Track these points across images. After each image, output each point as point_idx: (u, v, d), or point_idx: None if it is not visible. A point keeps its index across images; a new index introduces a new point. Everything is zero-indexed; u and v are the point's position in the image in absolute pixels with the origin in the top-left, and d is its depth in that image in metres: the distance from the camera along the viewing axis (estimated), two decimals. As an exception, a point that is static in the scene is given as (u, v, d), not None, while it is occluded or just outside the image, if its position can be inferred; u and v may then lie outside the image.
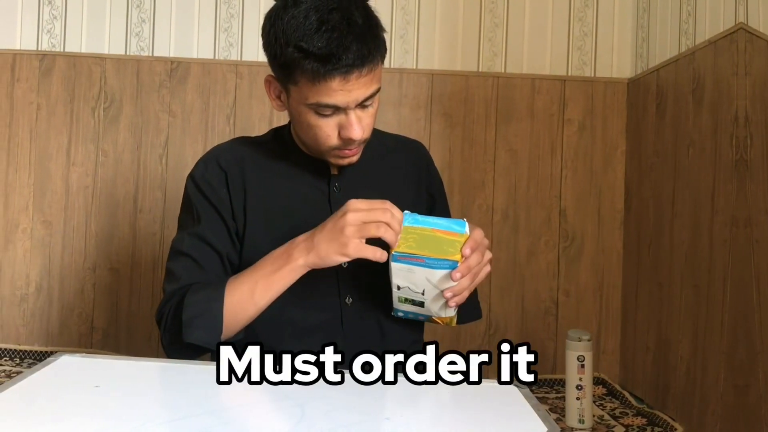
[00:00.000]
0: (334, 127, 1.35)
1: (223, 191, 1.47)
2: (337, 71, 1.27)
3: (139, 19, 2.86)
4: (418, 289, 1.28)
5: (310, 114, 1.35)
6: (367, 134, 1.39)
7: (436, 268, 1.23)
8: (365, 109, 1.36)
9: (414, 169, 1.64)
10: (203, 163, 1.51)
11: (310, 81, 1.29)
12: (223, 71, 2.84)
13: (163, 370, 1.19)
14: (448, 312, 1.32)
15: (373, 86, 1.34)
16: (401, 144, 1.68)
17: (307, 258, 1.29)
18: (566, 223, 2.89)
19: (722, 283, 2.10)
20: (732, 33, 2.11)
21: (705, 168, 2.24)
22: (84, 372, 1.11)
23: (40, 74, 2.84)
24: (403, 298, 1.32)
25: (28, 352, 2.80)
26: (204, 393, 1.03)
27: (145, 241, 2.83)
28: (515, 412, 0.98)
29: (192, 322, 1.32)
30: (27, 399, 0.97)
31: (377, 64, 1.33)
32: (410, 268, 1.24)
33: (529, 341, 2.85)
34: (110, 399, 0.98)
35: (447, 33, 2.89)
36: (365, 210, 1.26)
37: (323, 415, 0.93)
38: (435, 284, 1.26)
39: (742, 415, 1.98)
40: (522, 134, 2.89)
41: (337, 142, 1.37)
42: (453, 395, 1.07)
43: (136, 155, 2.84)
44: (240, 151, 1.53)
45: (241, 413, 0.95)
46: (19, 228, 2.83)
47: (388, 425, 0.92)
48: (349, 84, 1.29)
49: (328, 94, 1.29)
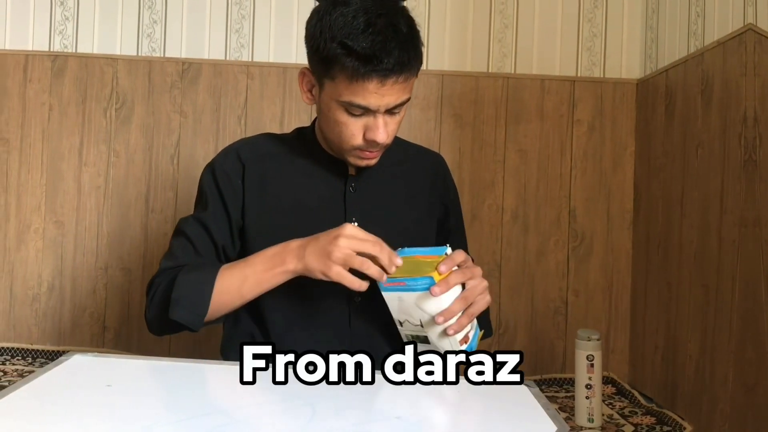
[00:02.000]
0: (360, 127, 1.39)
1: (238, 183, 1.52)
2: (375, 73, 1.31)
3: (150, 20, 2.88)
4: (416, 321, 1.29)
5: (340, 111, 1.39)
6: (390, 140, 1.43)
7: (417, 290, 1.26)
8: (393, 116, 1.41)
9: (430, 179, 1.67)
10: (224, 154, 1.57)
11: (347, 79, 1.33)
12: (235, 72, 2.85)
13: (174, 370, 1.19)
14: (454, 344, 1.30)
15: (405, 95, 1.38)
16: (421, 154, 1.72)
17: (296, 265, 1.33)
18: (576, 223, 2.89)
19: (731, 283, 2.10)
20: (741, 34, 2.11)
21: (714, 168, 2.24)
22: (96, 371, 1.11)
23: (52, 75, 2.86)
24: (409, 336, 1.34)
25: (41, 351, 2.82)
26: (215, 392, 1.04)
27: (157, 242, 2.85)
28: (525, 411, 0.99)
29: (180, 301, 1.37)
30: (39, 398, 0.97)
31: (413, 75, 1.38)
32: (399, 296, 1.28)
33: (538, 340, 2.86)
34: (122, 398, 0.99)
35: (457, 34, 2.89)
36: (358, 239, 1.29)
37: (334, 414, 0.94)
38: (426, 310, 1.27)
39: (751, 414, 1.98)
40: (532, 135, 2.89)
41: (360, 142, 1.41)
42: (463, 394, 1.07)
43: (147, 155, 2.86)
44: (263, 146, 1.58)
45: (252, 412, 0.95)
46: (32, 228, 2.85)
47: (399, 424, 0.92)
48: (385, 88, 1.33)
49: (362, 95, 1.34)
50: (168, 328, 1.42)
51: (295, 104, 2.83)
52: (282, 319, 1.48)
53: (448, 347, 1.30)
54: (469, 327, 1.31)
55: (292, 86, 2.83)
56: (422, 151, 1.74)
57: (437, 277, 1.25)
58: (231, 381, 1.11)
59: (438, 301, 1.25)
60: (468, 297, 1.30)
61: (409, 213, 1.60)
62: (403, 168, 1.63)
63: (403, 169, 1.63)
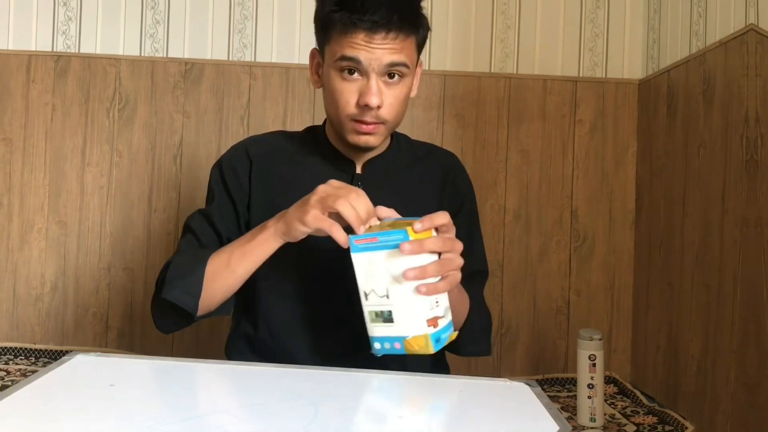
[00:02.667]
0: (354, 92, 1.39)
1: (245, 179, 1.52)
2: (362, 23, 1.33)
3: (153, 21, 2.88)
4: (382, 291, 1.17)
5: (336, 77, 1.40)
6: (387, 113, 1.41)
7: (389, 247, 1.14)
8: (389, 85, 1.40)
9: (440, 179, 1.62)
10: (233, 150, 1.57)
11: (339, 33, 1.36)
12: (237, 72, 2.86)
13: (177, 369, 1.19)
14: (420, 328, 1.16)
15: (398, 56, 1.37)
16: (432, 153, 1.68)
17: (276, 226, 1.30)
18: (578, 223, 2.90)
19: (733, 283, 2.11)
20: (742, 34, 2.12)
21: (715, 168, 2.24)
22: (99, 371, 1.11)
23: (55, 75, 2.86)
24: (373, 312, 1.20)
25: (44, 351, 2.83)
26: (218, 392, 1.04)
27: (160, 241, 2.85)
28: (527, 410, 0.99)
29: (173, 282, 1.35)
30: (42, 398, 0.97)
31: (408, 37, 1.39)
32: (369, 259, 1.16)
33: (540, 340, 2.87)
34: (125, 397, 0.99)
35: (459, 34, 2.90)
36: (335, 186, 1.26)
37: (336, 414, 0.94)
38: (395, 275, 1.15)
39: (753, 413, 1.99)
40: (534, 135, 2.90)
41: (354, 110, 1.40)
42: (465, 394, 1.08)
43: (150, 156, 2.86)
44: (273, 142, 1.59)
45: (255, 412, 0.95)
46: (35, 228, 2.86)
47: (401, 424, 0.93)
48: (374, 43, 1.34)
49: (352, 46, 1.35)
50: (168, 320, 1.41)
51: (298, 104, 2.84)
52: (283, 320, 1.48)
53: (414, 328, 1.16)
54: (442, 308, 1.19)
55: (294, 86, 2.84)
56: (434, 151, 1.69)
57: (412, 235, 1.14)
58: (234, 381, 1.11)
59: (409, 262, 1.13)
60: (443, 265, 1.18)
61: (416, 213, 1.57)
62: (412, 168, 1.60)
63: (412, 169, 1.60)
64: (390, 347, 1.18)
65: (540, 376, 2.86)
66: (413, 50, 1.41)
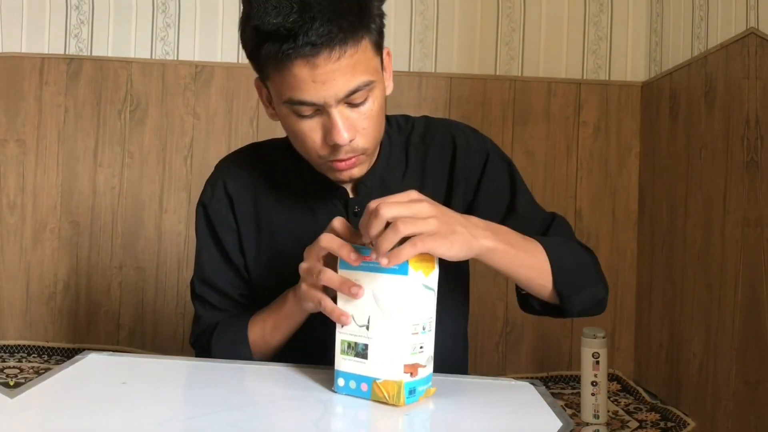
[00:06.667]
0: (318, 130, 1.10)
1: (231, 220, 1.31)
2: (295, 53, 1.02)
3: (164, 24, 2.92)
4: (363, 320, 0.99)
5: (290, 116, 1.11)
6: (364, 141, 1.13)
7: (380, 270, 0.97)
8: (355, 108, 1.09)
9: (448, 162, 1.32)
10: (210, 188, 1.32)
11: (274, 70, 1.06)
12: (247, 75, 2.85)
13: (188, 368, 1.19)
14: (395, 372, 0.97)
15: (357, 76, 1.07)
16: (426, 134, 1.34)
17: (294, 300, 1.14)
18: (582, 223, 2.92)
19: (734, 282, 2.14)
20: (743, 38, 2.14)
21: (717, 169, 2.27)
22: (111, 369, 1.11)
23: (67, 78, 2.90)
24: (345, 342, 1.01)
25: (56, 349, 2.86)
26: (228, 390, 1.03)
27: (171, 241, 2.89)
28: (531, 408, 0.99)
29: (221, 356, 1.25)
30: (55, 394, 0.98)
31: (360, 42, 1.06)
32: (356, 276, 0.99)
33: (545, 338, 2.88)
34: (137, 394, 0.99)
35: (465, 37, 2.93)
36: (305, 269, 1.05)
37: (344, 411, 0.96)
38: (381, 298, 0.98)
39: (753, 410, 2.02)
40: (538, 136, 2.93)
41: (323, 150, 1.12)
42: (469, 392, 1.07)
43: (161, 157, 2.90)
44: (250, 170, 1.33)
45: (264, 409, 0.97)
46: (47, 228, 2.89)
47: (407, 420, 0.93)
48: (319, 71, 1.03)
49: (296, 85, 1.05)
50: None
51: (306, 106, 2.86)
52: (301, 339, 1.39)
53: (388, 371, 0.97)
54: (425, 357, 1.00)
55: (302, 89, 2.85)
56: (427, 130, 1.34)
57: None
58: (243, 378, 1.12)
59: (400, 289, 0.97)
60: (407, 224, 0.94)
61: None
62: (412, 169, 1.31)
63: (412, 170, 1.31)
64: (355, 387, 1.00)
65: (544, 373, 2.88)
66: (371, 53, 1.10)
